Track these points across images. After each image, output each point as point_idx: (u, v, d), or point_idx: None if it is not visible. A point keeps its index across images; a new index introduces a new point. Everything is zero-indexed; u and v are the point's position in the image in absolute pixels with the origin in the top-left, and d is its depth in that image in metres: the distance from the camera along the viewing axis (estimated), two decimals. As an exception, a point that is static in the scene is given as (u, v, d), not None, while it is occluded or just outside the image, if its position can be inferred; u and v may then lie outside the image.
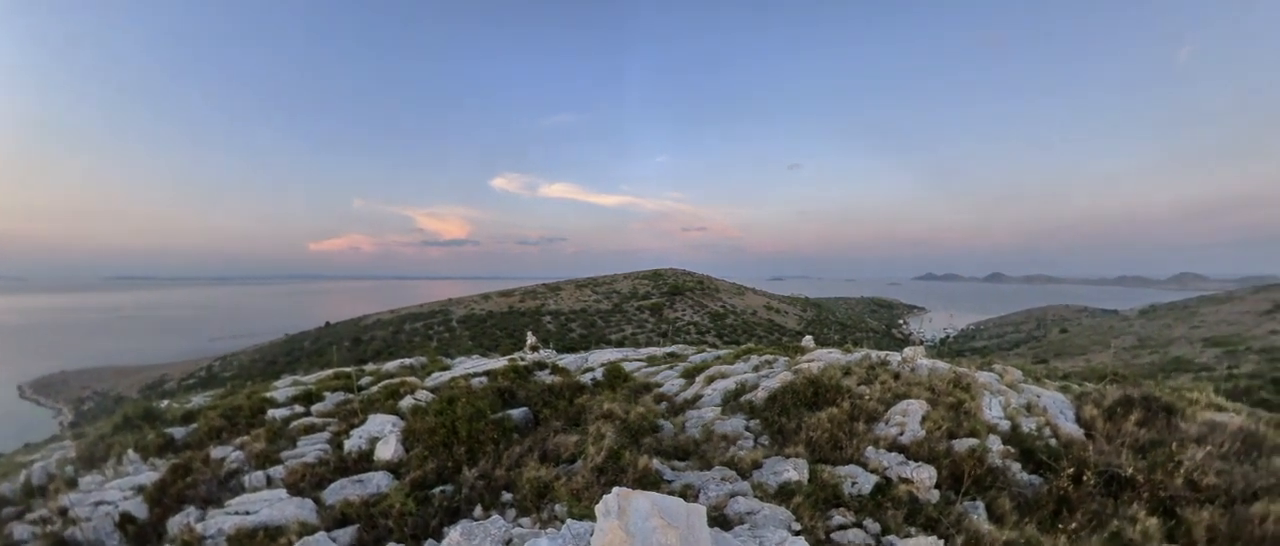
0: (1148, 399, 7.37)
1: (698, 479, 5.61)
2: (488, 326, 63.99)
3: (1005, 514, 5.08)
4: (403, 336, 61.72)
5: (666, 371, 12.08)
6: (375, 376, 12.88)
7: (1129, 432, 6.67)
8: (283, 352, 63.47)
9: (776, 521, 4.60)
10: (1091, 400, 7.86)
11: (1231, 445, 6.14)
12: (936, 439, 6.34)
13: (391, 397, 9.87)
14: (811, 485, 5.37)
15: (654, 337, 56.43)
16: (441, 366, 14.78)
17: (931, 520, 4.83)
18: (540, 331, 56.06)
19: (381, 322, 70.90)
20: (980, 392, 7.77)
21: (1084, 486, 5.30)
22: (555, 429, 7.74)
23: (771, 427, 7.26)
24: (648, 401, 8.98)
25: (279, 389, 11.54)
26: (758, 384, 9.11)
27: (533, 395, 9.60)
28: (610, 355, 16.03)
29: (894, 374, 8.73)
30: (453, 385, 10.22)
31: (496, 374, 11.11)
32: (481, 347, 46.98)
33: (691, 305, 77.73)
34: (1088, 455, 5.97)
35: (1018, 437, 6.66)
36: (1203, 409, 7.33)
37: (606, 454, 5.53)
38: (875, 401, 7.49)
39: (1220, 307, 60.82)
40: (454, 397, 8.31)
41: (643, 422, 7.35)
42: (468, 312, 71.57)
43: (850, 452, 6.22)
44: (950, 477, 5.63)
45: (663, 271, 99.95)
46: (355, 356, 47.24)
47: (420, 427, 7.42)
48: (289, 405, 10.19)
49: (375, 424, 8.12)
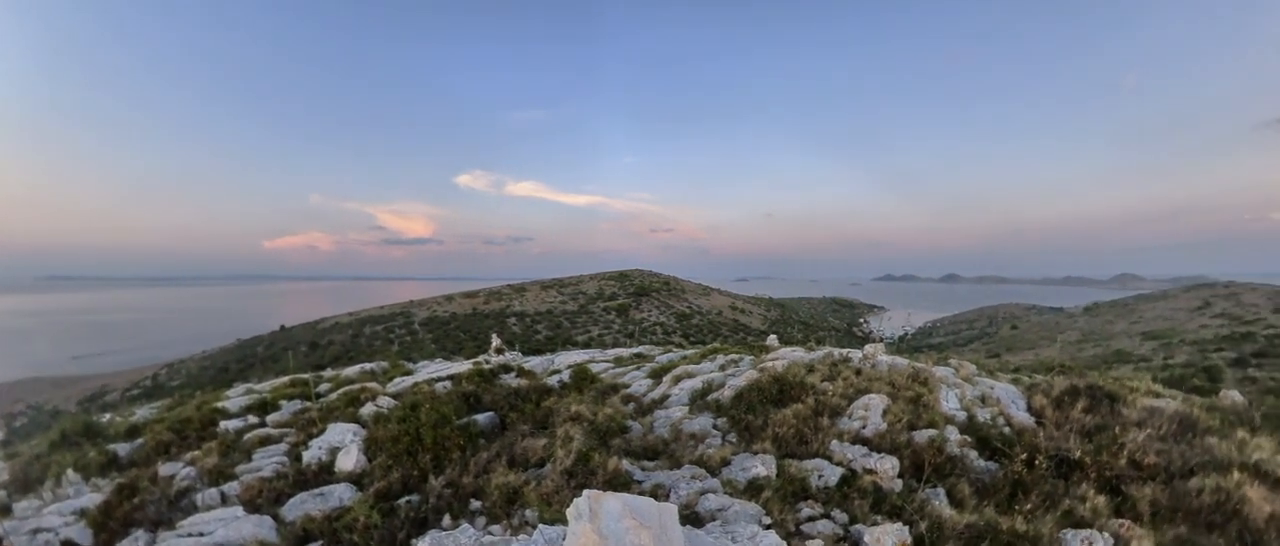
0: (1092, 388, 7.91)
1: (668, 478, 5.66)
2: (451, 329, 62.71)
3: (965, 498, 5.39)
4: (363, 340, 59.80)
5: (634, 372, 12.09)
6: (334, 383, 12.45)
7: (1076, 419, 7.13)
8: (235, 359, 60.60)
9: (747, 516, 4.71)
10: (1041, 390, 8.34)
11: (1169, 428, 6.63)
12: (898, 431, 6.64)
13: (352, 405, 9.51)
14: (780, 479, 5.54)
15: (620, 339, 56.35)
16: (404, 371, 14.43)
17: (896, 508, 5.09)
18: (505, 333, 55.35)
19: (340, 326, 68.41)
20: (938, 386, 8.19)
21: (1037, 470, 5.67)
22: (523, 433, 7.57)
23: (738, 425, 7.39)
24: (615, 402, 8.98)
25: (231, 398, 11.04)
26: (724, 383, 9.23)
27: (499, 399, 9.40)
28: (577, 357, 15.95)
29: (856, 370, 9.08)
30: (416, 390, 9.99)
31: (461, 378, 10.92)
32: (445, 351, 46.03)
33: (658, 306, 77.98)
34: (1039, 441, 6.37)
35: (974, 427, 7.04)
36: (1142, 396, 7.86)
37: (576, 456, 5.49)
38: (838, 397, 7.80)
39: (1156, 305, 66.48)
40: (417, 403, 8.04)
41: (611, 424, 7.34)
42: (430, 315, 69.96)
43: (816, 447, 6.44)
44: (912, 467, 5.91)
45: (629, 272, 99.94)
46: (313, 362, 45.53)
47: (383, 436, 7.14)
48: (243, 415, 9.65)
49: (335, 433, 7.79)
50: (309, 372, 14.07)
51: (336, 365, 23.24)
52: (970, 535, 4.35)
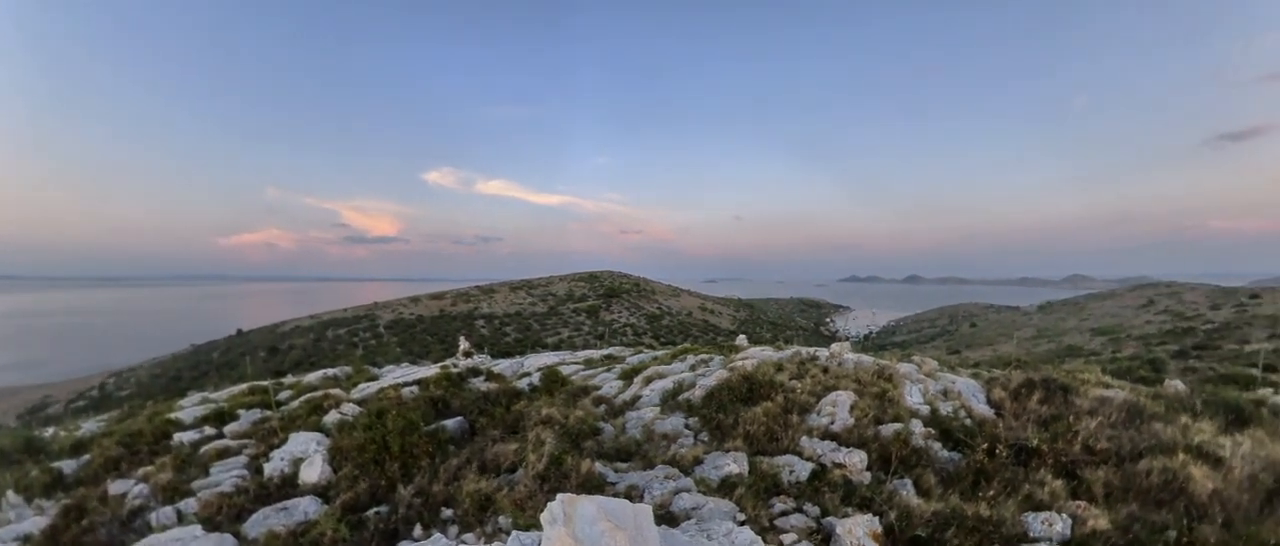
0: (1047, 381, 8.26)
1: (641, 479, 5.67)
2: (417, 331, 61.32)
3: (931, 488, 5.60)
4: (325, 344, 57.85)
5: (604, 373, 12.07)
6: (295, 390, 12.06)
7: (1033, 410, 7.47)
8: (188, 366, 57.91)
9: (721, 513, 4.77)
10: (999, 384, 8.65)
11: (1118, 415, 7.01)
12: (865, 425, 6.87)
13: (315, 413, 9.18)
14: (752, 476, 5.65)
15: (591, 340, 56.10)
16: (369, 376, 14.09)
17: (866, 499, 5.26)
18: (474, 336, 54.52)
19: (301, 329, 66.00)
20: (902, 382, 8.46)
21: (997, 458, 5.93)
22: (493, 438, 7.38)
23: (710, 424, 7.46)
24: (587, 404, 8.96)
25: (186, 408, 10.58)
26: (695, 383, 9.31)
27: (468, 403, 9.19)
28: (547, 359, 15.87)
29: (823, 368, 9.32)
30: (382, 396, 9.76)
31: (428, 382, 10.71)
32: (411, 355, 45.00)
33: (628, 307, 77.93)
34: (999, 431, 6.65)
35: (937, 420, 7.28)
36: (1093, 387, 8.27)
37: (548, 460, 5.44)
38: (807, 394, 7.99)
39: (1105, 303, 71.05)
40: (384, 410, 7.78)
41: (583, 426, 7.30)
42: (396, 317, 68.20)
43: (786, 443, 6.58)
44: (879, 459, 6.11)
45: (599, 273, 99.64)
46: (272, 368, 43.85)
47: (348, 445, 6.85)
48: (198, 427, 9.24)
49: (298, 443, 7.43)
50: (268, 379, 13.63)
51: (297, 371, 22.53)
52: (937, 522, 4.52)
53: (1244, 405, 7.36)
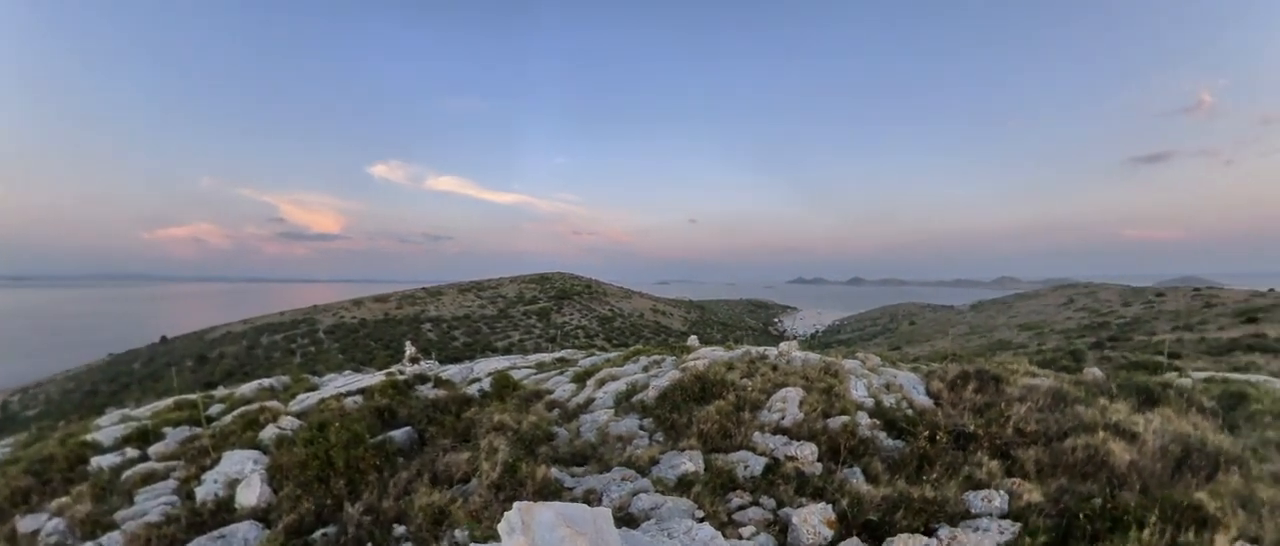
0: (980, 372, 8.91)
1: (599, 482, 5.67)
2: (360, 337, 58.58)
3: (878, 474, 5.93)
4: (260, 352, 54.31)
5: (557, 377, 12.00)
6: (228, 403, 11.37)
7: (968, 399, 8.08)
8: (105, 379, 52.95)
9: (680, 512, 4.85)
10: (937, 376, 9.25)
11: (1045, 400, 7.62)
12: (814, 419, 7.17)
13: (250, 428, 8.57)
14: (708, 473, 5.78)
15: (542, 343, 55.44)
16: (308, 386, 13.48)
17: (818, 489, 5.54)
18: (420, 340, 52.82)
19: (233, 335, 61.44)
20: (847, 377, 8.85)
21: (938, 444, 6.35)
22: (444, 447, 7.07)
23: (664, 424, 7.55)
24: (540, 409, 8.88)
25: (104, 428, 9.77)
26: (648, 383, 9.39)
27: (416, 412, 8.88)
28: (497, 363, 15.59)
29: (772, 366, 9.62)
30: (323, 407, 9.31)
31: (373, 391, 10.33)
32: (354, 362, 43.15)
33: (580, 309, 77.43)
34: (938, 419, 7.16)
35: (881, 411, 7.67)
36: (1022, 376, 8.92)
37: (502, 468, 5.33)
38: (757, 392, 8.22)
39: (1030, 302, 76.91)
40: (326, 422, 7.33)
41: (537, 431, 7.23)
42: (337, 321, 64.64)
43: (740, 440, 6.78)
44: (829, 450, 6.42)
45: (550, 275, 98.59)
46: (201, 379, 41.00)
47: (289, 462, 6.36)
48: (119, 449, 8.45)
49: (233, 462, 6.84)
50: (197, 392, 12.80)
51: (230, 382, 21.29)
52: (887, 505, 4.79)
53: (1153, 387, 8.11)
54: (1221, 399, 7.77)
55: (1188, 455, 5.60)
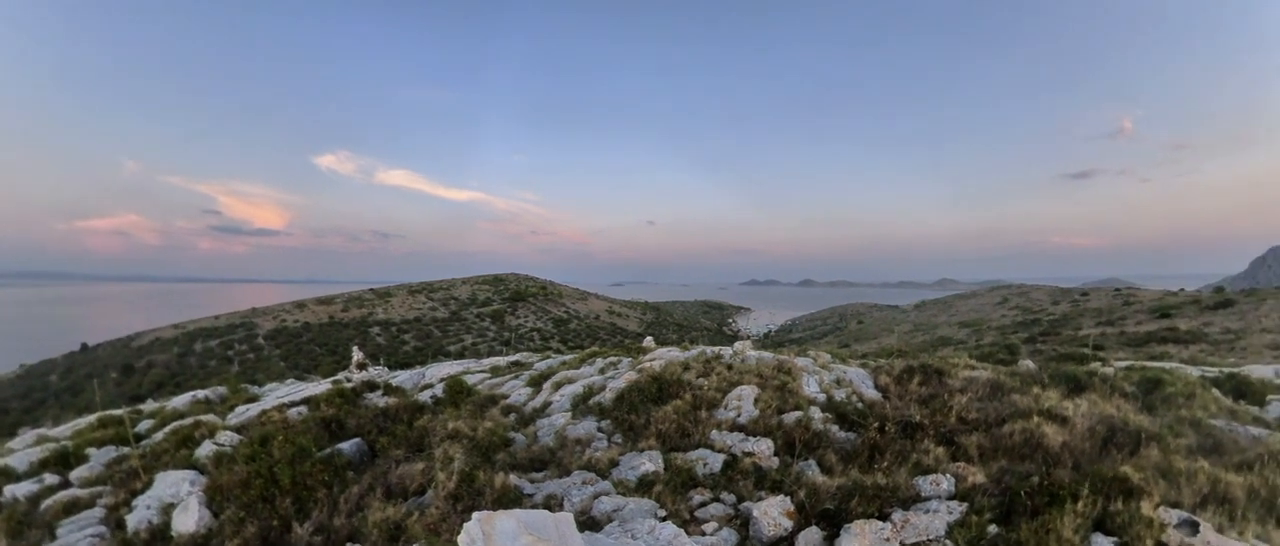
0: (924, 366, 9.48)
1: (559, 487, 5.65)
2: (304, 342, 55.69)
3: (833, 465, 6.26)
4: (193, 360, 50.56)
5: (512, 381, 11.83)
6: (159, 419, 10.64)
7: (914, 391, 8.61)
8: (17, 393, 47.87)
9: (642, 512, 4.92)
10: (885, 371, 9.74)
11: (984, 391, 8.25)
12: (769, 415, 7.46)
13: (185, 446, 7.97)
14: (668, 472, 5.89)
15: (496, 347, 54.45)
16: (248, 397, 12.81)
17: (776, 482, 5.76)
18: (368, 346, 50.90)
19: (163, 342, 56.51)
20: (800, 374, 9.22)
21: (888, 434, 6.75)
22: (397, 458, 6.80)
23: (622, 426, 7.59)
24: (495, 415, 8.78)
25: (17, 452, 8.90)
26: (605, 385, 9.42)
27: (365, 422, 8.46)
28: (450, 368, 15.22)
29: (727, 365, 9.88)
30: (265, 420, 8.85)
31: (319, 401, 9.91)
32: (297, 369, 41.20)
33: (535, 311, 76.55)
34: (887, 411, 7.55)
35: (833, 405, 8.02)
36: (962, 369, 9.58)
37: (459, 478, 5.20)
38: (714, 390, 8.45)
39: (969, 301, 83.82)
40: (268, 436, 6.89)
41: (493, 438, 7.10)
42: (278, 325, 60.92)
43: (698, 438, 6.95)
44: (785, 445, 6.69)
45: (504, 276, 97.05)
46: (128, 392, 38.03)
47: (230, 481, 5.89)
48: (36, 475, 7.64)
49: (167, 485, 6.27)
50: (124, 408, 11.95)
51: (160, 395, 19.98)
52: (842, 494, 5.05)
53: (1080, 376, 8.77)
54: (1140, 384, 8.43)
55: (1113, 434, 6.18)
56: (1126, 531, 4.01)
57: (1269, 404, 7.91)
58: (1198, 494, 4.64)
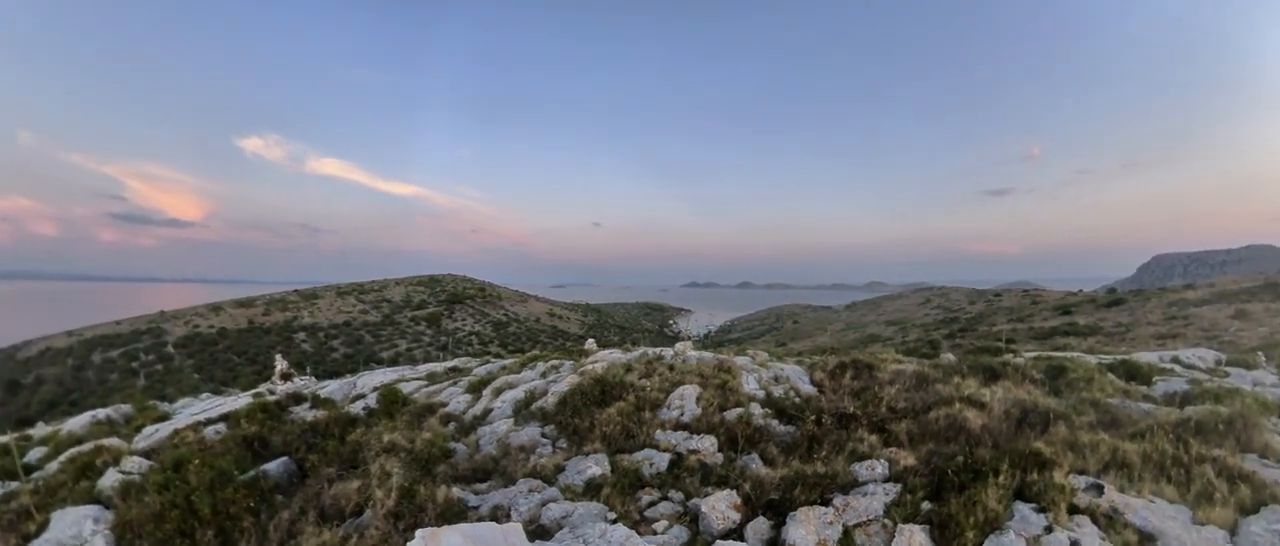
0: (856, 362, 10.11)
1: (505, 497, 5.57)
2: (220, 350, 51.21)
3: (774, 458, 6.60)
4: (92, 373, 45.20)
5: (450, 388, 11.52)
6: (53, 445, 9.64)
7: (847, 385, 9.17)
8: None
9: (592, 516, 4.98)
10: (819, 367, 10.27)
11: (910, 382, 8.95)
12: (711, 413, 7.75)
13: (85, 476, 7.12)
14: (615, 475, 5.98)
15: (433, 352, 52.46)
16: (157, 415, 11.81)
17: (722, 477, 6.01)
18: (293, 353, 47.98)
19: (55, 352, 49.79)
20: (740, 372, 9.55)
21: (824, 426, 7.22)
22: (329, 477, 6.33)
23: (567, 430, 7.58)
24: (434, 424, 8.56)
25: None
26: (547, 389, 9.38)
27: (292, 439, 7.92)
28: (384, 376, 14.61)
29: (669, 366, 10.08)
30: (178, 442, 8.22)
31: (239, 417, 9.32)
32: (213, 382, 38.35)
33: (473, 314, 74.59)
34: (823, 404, 8.07)
35: (772, 401, 8.39)
36: (890, 363, 10.35)
37: (398, 494, 5.01)
38: (656, 391, 8.61)
39: (896, 302, 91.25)
40: (183, 460, 6.16)
41: (432, 449, 6.90)
42: (190, 331, 55.02)
43: (643, 439, 7.08)
44: (728, 441, 7.00)
45: (440, 277, 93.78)
46: (14, 414, 34.05)
47: (140, 516, 5.24)
48: None
49: (66, 525, 5.46)
50: (9, 433, 10.74)
51: (53, 416, 18.10)
52: (785, 484, 5.35)
53: (995, 366, 9.69)
54: (1047, 372, 9.43)
55: (1026, 415, 6.96)
56: (1043, 498, 4.57)
57: (1155, 384, 9.02)
58: (1101, 461, 5.40)
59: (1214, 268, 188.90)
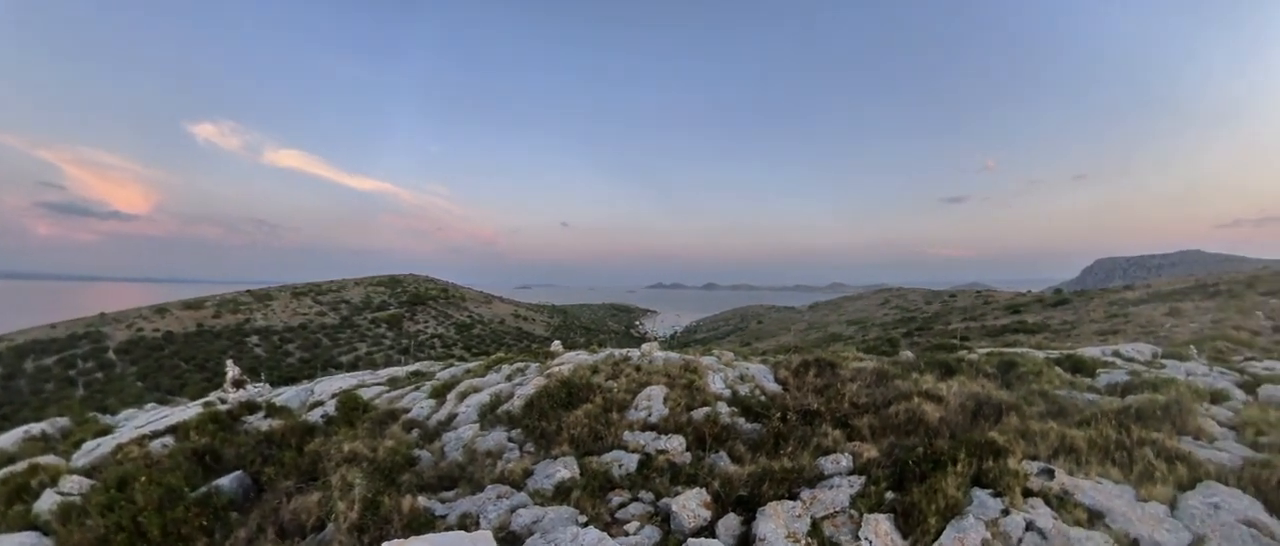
0: (819, 360, 10.39)
1: (473, 504, 5.48)
2: (166, 356, 48.12)
3: (742, 455, 6.73)
4: (23, 383, 41.80)
5: (413, 393, 11.26)
6: (-20, 465, 9.07)
7: (811, 383, 9.39)
8: None
9: (563, 520, 4.95)
10: (784, 366, 10.47)
11: (871, 378, 9.26)
12: (679, 413, 7.79)
13: (20, 499, 6.61)
14: (585, 477, 5.97)
15: (394, 356, 51.00)
16: (99, 429, 11.18)
17: (691, 476, 6.10)
18: (246, 358, 46.02)
19: None
20: (706, 372, 9.65)
21: (790, 422, 7.42)
22: (287, 490, 6.07)
23: (534, 434, 7.50)
24: (397, 431, 8.35)
25: None
26: (513, 393, 9.28)
27: (246, 451, 7.53)
28: (343, 382, 14.17)
29: (636, 367, 10.11)
30: (123, 458, 7.77)
31: (188, 429, 8.89)
32: (159, 390, 36.46)
33: (435, 316, 72.98)
34: (788, 402, 8.21)
35: (738, 400, 8.49)
36: (852, 361, 10.66)
37: (361, 506, 4.86)
38: (624, 392, 8.63)
39: (856, 303, 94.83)
40: (128, 478, 5.83)
41: (396, 457, 6.72)
42: (134, 335, 51.23)
43: (611, 440, 7.09)
44: (696, 440, 7.09)
45: (402, 277, 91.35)
46: None
47: (82, 541, 4.92)
48: None
49: None
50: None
51: (-22, 435, 16.94)
52: (753, 480, 5.49)
53: (951, 362, 10.25)
54: (999, 366, 9.95)
55: (980, 407, 7.36)
56: (999, 483, 4.90)
57: (1099, 376, 9.57)
58: (1051, 448, 5.84)
59: (1151, 270, 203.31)
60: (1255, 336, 17.63)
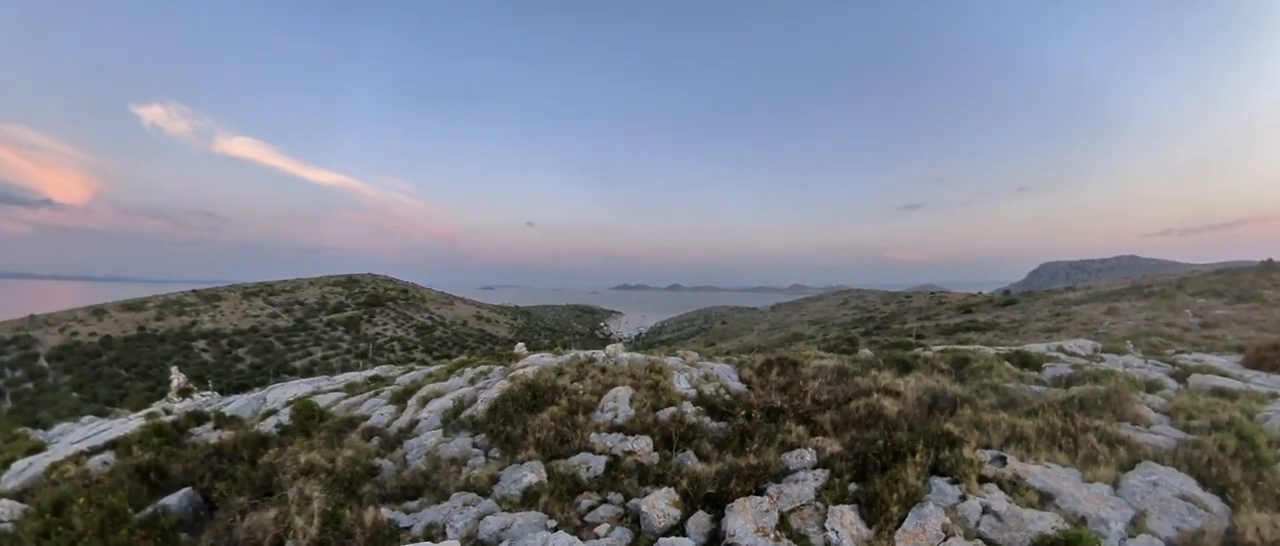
0: (781, 359, 10.69)
1: (439, 513, 5.40)
2: (104, 363, 44.88)
3: (709, 453, 6.85)
4: None
5: (372, 399, 10.94)
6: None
7: (774, 381, 9.63)
8: None
9: (532, 526, 4.95)
10: (748, 365, 10.73)
11: (832, 376, 9.56)
12: (645, 414, 7.88)
13: None
14: (552, 481, 5.96)
15: (351, 360, 49.38)
16: (31, 446, 10.49)
17: (659, 476, 6.20)
18: (192, 365, 43.78)
19: None
20: (671, 372, 9.81)
21: (754, 420, 7.58)
22: (241, 507, 5.66)
23: (499, 439, 7.46)
24: (356, 440, 8.10)
25: None
26: (476, 397, 9.16)
27: (195, 466, 7.07)
28: (298, 389, 13.68)
29: (601, 368, 10.14)
30: (58, 477, 7.32)
31: (130, 443, 8.43)
32: (97, 401, 34.38)
33: (395, 318, 71.10)
34: (752, 400, 8.43)
35: (703, 399, 8.63)
36: (813, 359, 11.06)
37: (321, 520, 4.70)
38: (589, 394, 8.64)
39: (817, 303, 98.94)
40: (65, 500, 5.44)
41: (356, 468, 6.52)
42: (68, 340, 47.04)
43: (578, 443, 7.10)
44: (662, 440, 7.16)
45: (359, 277, 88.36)
46: None
47: None
48: None
49: None
50: None
51: (-109, 454, 15.69)
52: (720, 478, 5.60)
53: (908, 359, 10.65)
54: (953, 362, 10.39)
55: (936, 401, 7.69)
56: (955, 471, 5.20)
57: (1045, 369, 10.12)
58: (1003, 436, 6.21)
59: (1091, 273, 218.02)
60: (1185, 332, 19.00)
